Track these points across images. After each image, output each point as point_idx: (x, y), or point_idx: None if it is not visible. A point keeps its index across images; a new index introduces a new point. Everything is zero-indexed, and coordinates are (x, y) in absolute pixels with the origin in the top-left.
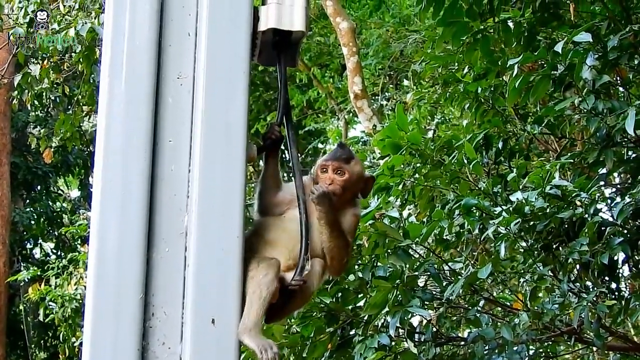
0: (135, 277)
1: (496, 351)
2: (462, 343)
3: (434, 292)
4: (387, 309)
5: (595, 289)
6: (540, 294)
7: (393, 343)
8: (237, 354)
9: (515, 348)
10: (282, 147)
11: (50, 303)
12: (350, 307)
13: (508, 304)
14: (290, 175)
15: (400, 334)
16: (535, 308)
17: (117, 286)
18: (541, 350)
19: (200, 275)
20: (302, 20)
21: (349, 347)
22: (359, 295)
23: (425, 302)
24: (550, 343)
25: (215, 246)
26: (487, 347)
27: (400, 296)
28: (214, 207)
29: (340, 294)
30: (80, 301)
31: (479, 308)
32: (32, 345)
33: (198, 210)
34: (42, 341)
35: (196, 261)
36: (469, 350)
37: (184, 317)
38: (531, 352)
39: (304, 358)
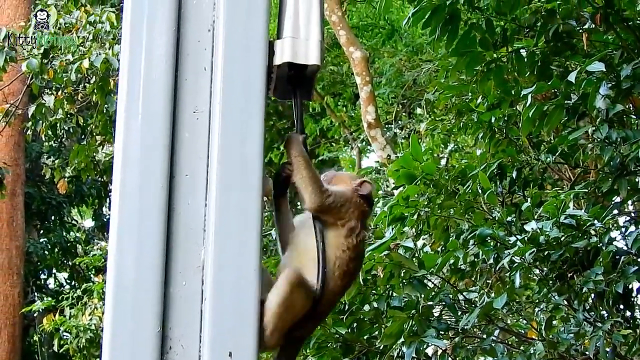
0: (152, 311)
1: None
2: None
3: (449, 322)
4: (402, 339)
5: (611, 318)
6: (555, 323)
7: None
8: None
9: None
10: None
11: (65, 333)
12: (365, 337)
13: (523, 331)
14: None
15: None
16: (551, 337)
17: (135, 320)
18: None
19: (217, 309)
20: (317, 54)
21: None
22: (375, 326)
23: (441, 332)
24: None
25: (232, 279)
26: None
27: (415, 326)
28: (230, 240)
29: (355, 325)
30: (95, 331)
31: (494, 337)
32: None
33: (215, 243)
34: None
35: (213, 294)
36: None
37: (201, 350)
38: None
39: None
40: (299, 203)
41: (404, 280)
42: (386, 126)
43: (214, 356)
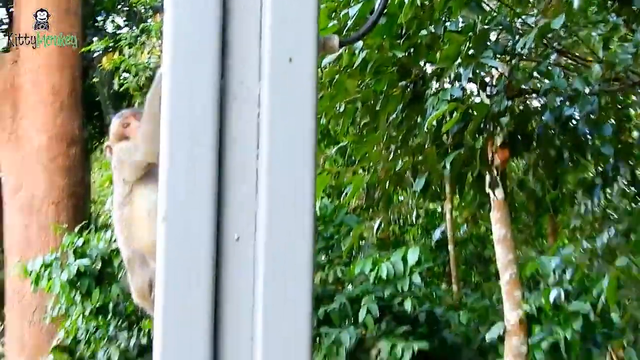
0: None
1: (567, 103)
2: (534, 95)
3: (507, 46)
4: (459, 60)
5: None
6: (613, 46)
7: (465, 96)
8: (315, 94)
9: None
10: None
11: (124, 73)
12: (422, 61)
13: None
14: None
15: (473, 88)
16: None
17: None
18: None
19: None
20: None
21: (421, 101)
22: (431, 50)
23: (497, 55)
24: (622, 96)
25: None
26: (559, 99)
27: (472, 49)
28: None
29: (412, 49)
30: (153, 70)
31: (550, 61)
32: (108, 116)
33: None
34: (117, 110)
35: None
36: (541, 103)
37: (261, 55)
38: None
39: (377, 112)
40: None
41: (462, 3)
42: None
43: (274, 61)
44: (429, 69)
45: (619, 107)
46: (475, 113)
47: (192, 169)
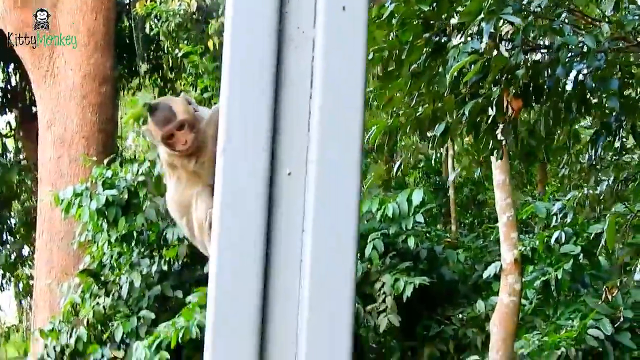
0: None
1: (578, 58)
2: (545, 51)
3: (523, 4)
4: (482, 15)
5: None
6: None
7: (484, 49)
8: (365, 40)
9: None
10: None
11: (155, 19)
12: (444, 15)
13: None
14: None
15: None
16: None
17: None
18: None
19: None
20: None
21: (443, 52)
22: (454, 5)
23: (515, 13)
24: (623, 57)
25: None
26: (570, 55)
27: (493, 6)
28: None
29: (435, 4)
30: (183, 16)
31: (562, 19)
32: (137, 58)
33: None
34: (145, 54)
35: None
36: (551, 58)
37: (316, 2)
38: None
39: (402, 60)
40: None
41: None
42: None
43: (329, 9)
44: (452, 22)
45: (624, 66)
46: (493, 65)
47: (249, 107)
